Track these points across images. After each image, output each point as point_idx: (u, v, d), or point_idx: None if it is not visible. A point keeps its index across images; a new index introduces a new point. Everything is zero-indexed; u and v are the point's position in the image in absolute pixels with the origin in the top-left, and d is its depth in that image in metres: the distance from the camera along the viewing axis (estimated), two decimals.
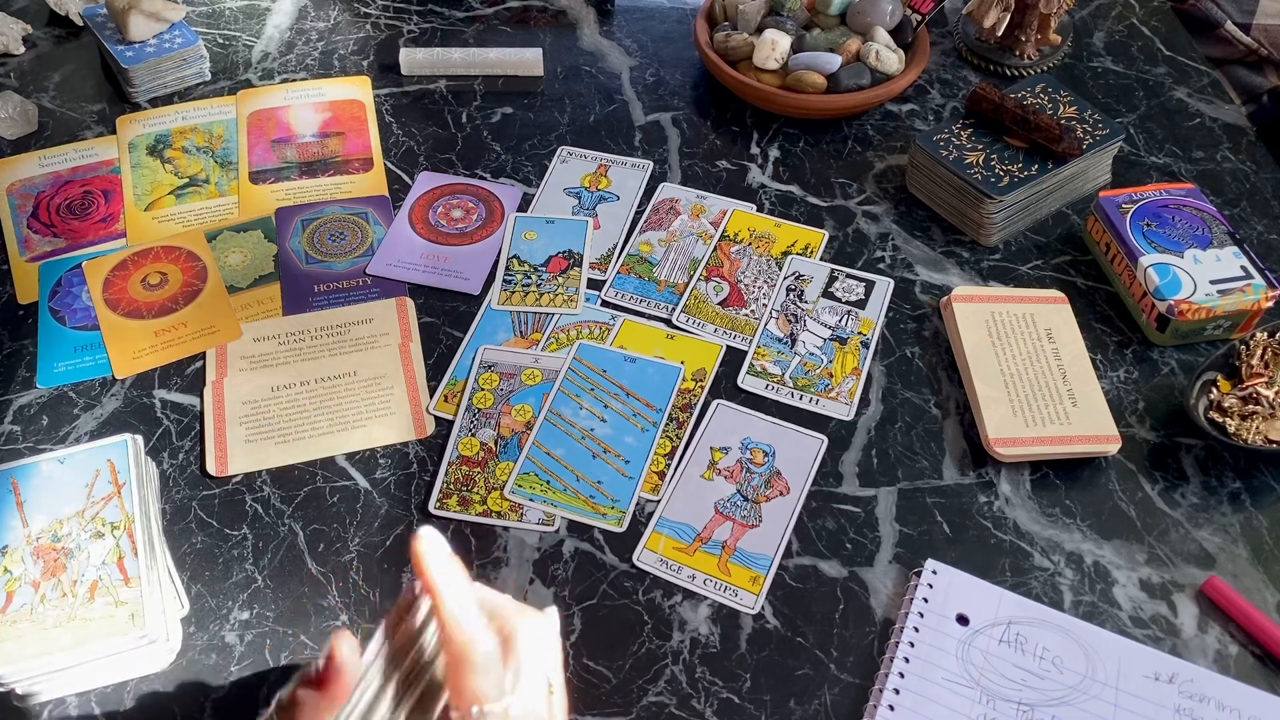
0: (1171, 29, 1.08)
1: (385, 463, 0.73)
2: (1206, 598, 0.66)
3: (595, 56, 1.05)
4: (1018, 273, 0.85)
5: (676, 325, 0.81)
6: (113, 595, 0.61)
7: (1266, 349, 0.76)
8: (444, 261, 0.85)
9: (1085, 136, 0.87)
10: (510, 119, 0.98)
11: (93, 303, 0.82)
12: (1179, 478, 0.73)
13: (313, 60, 1.03)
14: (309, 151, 0.94)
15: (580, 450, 0.73)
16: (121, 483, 0.66)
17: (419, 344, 0.80)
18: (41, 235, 0.87)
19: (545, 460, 0.72)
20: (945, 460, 0.73)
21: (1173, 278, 0.78)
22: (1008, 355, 0.77)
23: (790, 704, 0.62)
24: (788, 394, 0.77)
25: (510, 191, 0.91)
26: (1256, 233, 0.88)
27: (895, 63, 0.94)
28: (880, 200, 0.91)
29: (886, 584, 0.67)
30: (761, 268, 0.85)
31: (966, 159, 0.86)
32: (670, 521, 0.70)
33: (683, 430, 0.74)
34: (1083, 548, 0.69)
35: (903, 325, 0.82)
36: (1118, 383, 0.78)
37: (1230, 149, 0.95)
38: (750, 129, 0.97)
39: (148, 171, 0.92)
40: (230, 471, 0.72)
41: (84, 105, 0.98)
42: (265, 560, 0.68)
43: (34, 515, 0.65)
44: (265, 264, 0.85)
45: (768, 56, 0.93)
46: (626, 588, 0.67)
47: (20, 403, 0.76)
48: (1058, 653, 0.62)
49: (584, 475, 0.72)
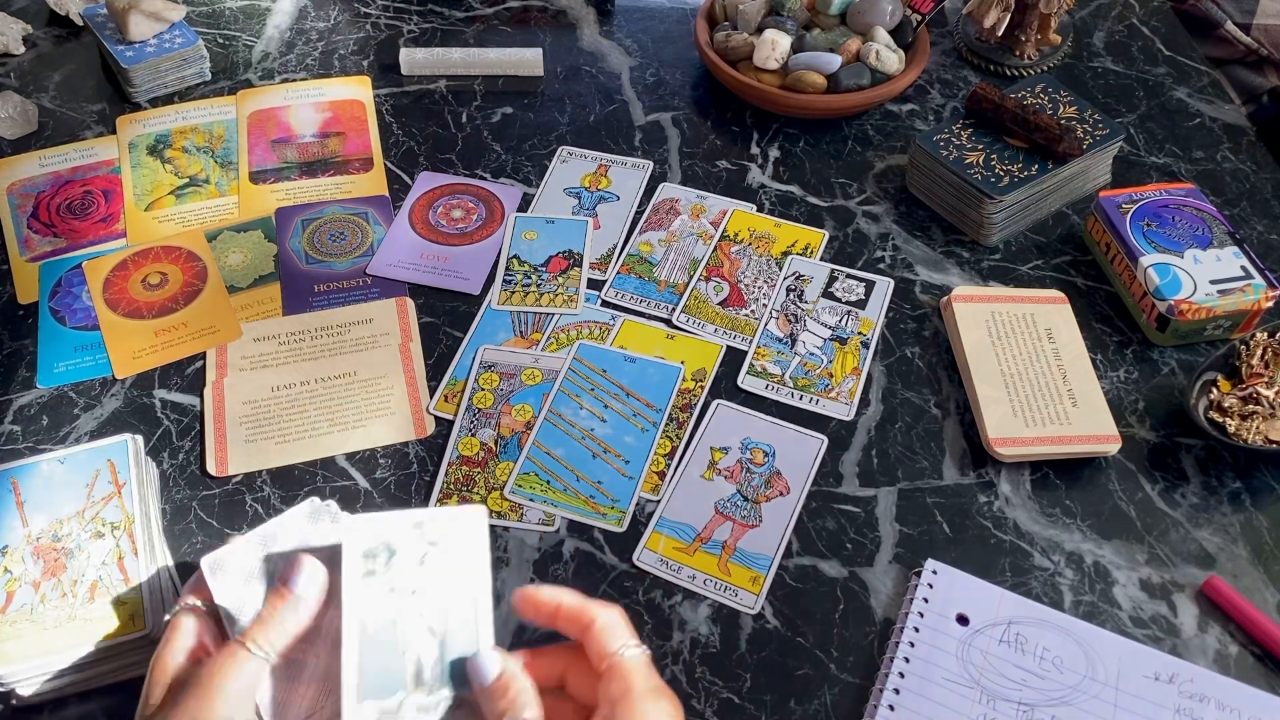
0: (1171, 29, 1.08)
1: (385, 463, 0.73)
2: (1206, 598, 0.66)
3: (595, 56, 1.05)
4: (1018, 273, 0.85)
5: (676, 325, 0.81)
6: (113, 595, 0.61)
7: (1266, 349, 0.76)
8: (444, 261, 0.85)
9: (1085, 136, 0.87)
10: (510, 119, 0.98)
11: (93, 303, 0.82)
12: (1179, 478, 0.73)
13: (313, 60, 1.03)
14: (309, 151, 0.94)
15: (580, 450, 0.73)
16: (122, 483, 0.66)
17: (419, 344, 0.80)
18: (41, 235, 0.87)
19: (545, 460, 0.72)
20: (945, 460, 0.73)
21: (1173, 278, 0.78)
22: (1008, 355, 0.77)
23: (790, 704, 0.62)
24: (788, 394, 0.77)
25: (510, 191, 0.91)
26: (1256, 233, 0.88)
27: (895, 63, 0.94)
28: (880, 200, 0.91)
29: (886, 584, 0.67)
30: (761, 268, 0.85)
31: (966, 159, 0.86)
32: (670, 521, 0.70)
33: (683, 430, 0.74)
34: (1083, 548, 0.69)
35: (903, 325, 0.82)
36: (1118, 383, 0.78)
37: (1230, 149, 0.95)
38: (750, 129, 0.97)
39: (148, 171, 0.92)
40: (230, 471, 0.72)
41: (84, 105, 0.98)
42: None
43: (34, 515, 0.65)
44: (265, 264, 0.85)
45: (768, 56, 0.93)
46: (627, 588, 0.67)
47: (20, 403, 0.76)
48: (1058, 653, 0.62)
49: (584, 475, 0.72)
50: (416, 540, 0.51)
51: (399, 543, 0.51)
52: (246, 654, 0.48)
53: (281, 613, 0.50)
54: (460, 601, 0.50)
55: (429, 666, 0.49)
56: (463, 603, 0.50)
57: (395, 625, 0.49)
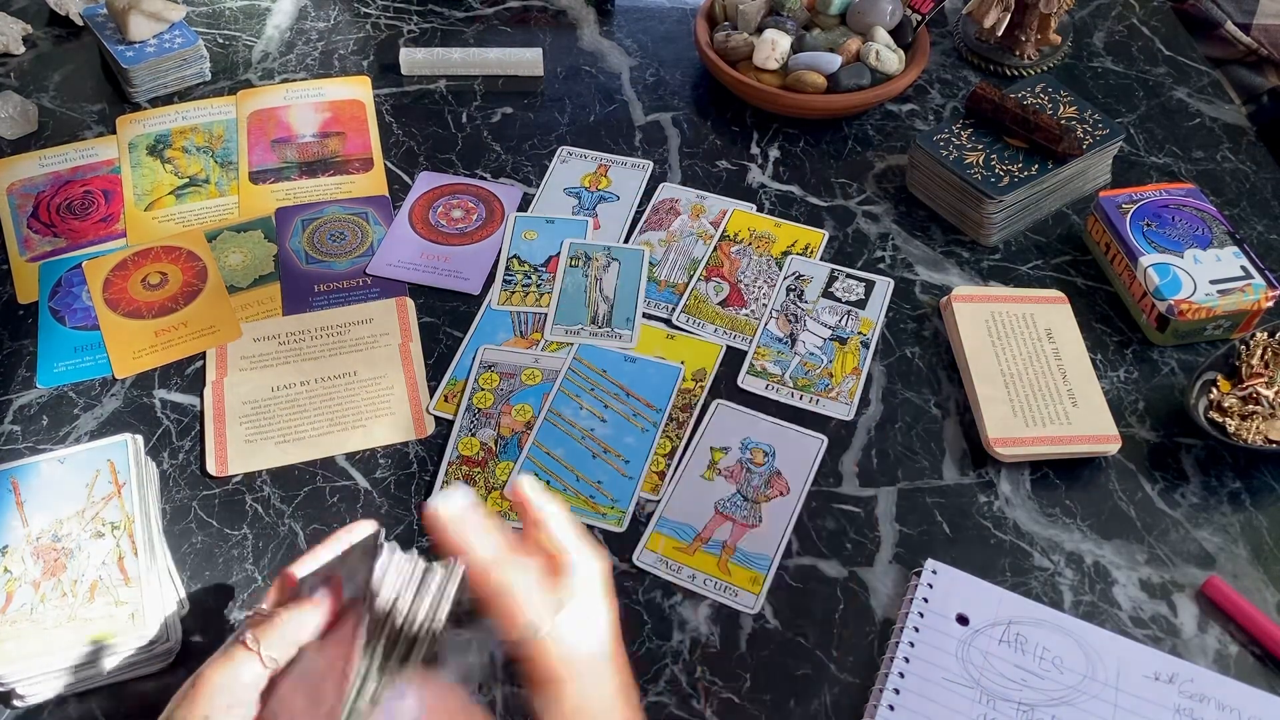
0: (1171, 29, 1.08)
1: (385, 462, 0.73)
2: (1206, 598, 0.66)
3: (595, 56, 1.05)
4: (1018, 273, 0.85)
5: (676, 325, 0.81)
6: (113, 595, 0.61)
7: (1266, 349, 0.76)
8: (444, 261, 0.85)
9: (1085, 136, 0.87)
10: (510, 119, 0.98)
11: (93, 303, 0.82)
12: (1179, 478, 0.73)
13: (313, 60, 1.03)
14: (309, 151, 0.94)
15: (580, 450, 0.73)
16: (122, 483, 0.66)
17: (419, 344, 0.80)
18: (41, 235, 0.87)
19: (545, 460, 0.72)
20: (945, 460, 0.73)
21: (1173, 278, 0.78)
22: (1008, 355, 0.77)
23: (790, 704, 0.62)
24: (788, 394, 0.77)
25: (510, 191, 0.91)
26: (1256, 233, 0.88)
27: (895, 63, 0.94)
28: (880, 200, 0.91)
29: (886, 584, 0.67)
30: (761, 268, 0.85)
31: (966, 159, 0.86)
32: (670, 521, 0.70)
33: (683, 430, 0.74)
34: (1083, 548, 0.69)
35: (903, 325, 0.82)
36: (1118, 383, 0.78)
37: (1230, 149, 0.95)
38: (750, 129, 0.97)
39: (148, 171, 0.92)
40: (230, 471, 0.72)
41: (84, 105, 0.98)
42: (265, 560, 0.68)
43: (34, 515, 0.65)
44: (265, 264, 0.85)
45: (768, 56, 0.93)
46: (627, 588, 0.67)
47: (20, 403, 0.76)
48: (1058, 653, 0.62)
49: (584, 475, 0.72)
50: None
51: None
52: (246, 651, 0.48)
53: (291, 618, 0.50)
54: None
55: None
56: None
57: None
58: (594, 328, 0.80)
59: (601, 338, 0.79)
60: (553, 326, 0.80)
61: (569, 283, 0.83)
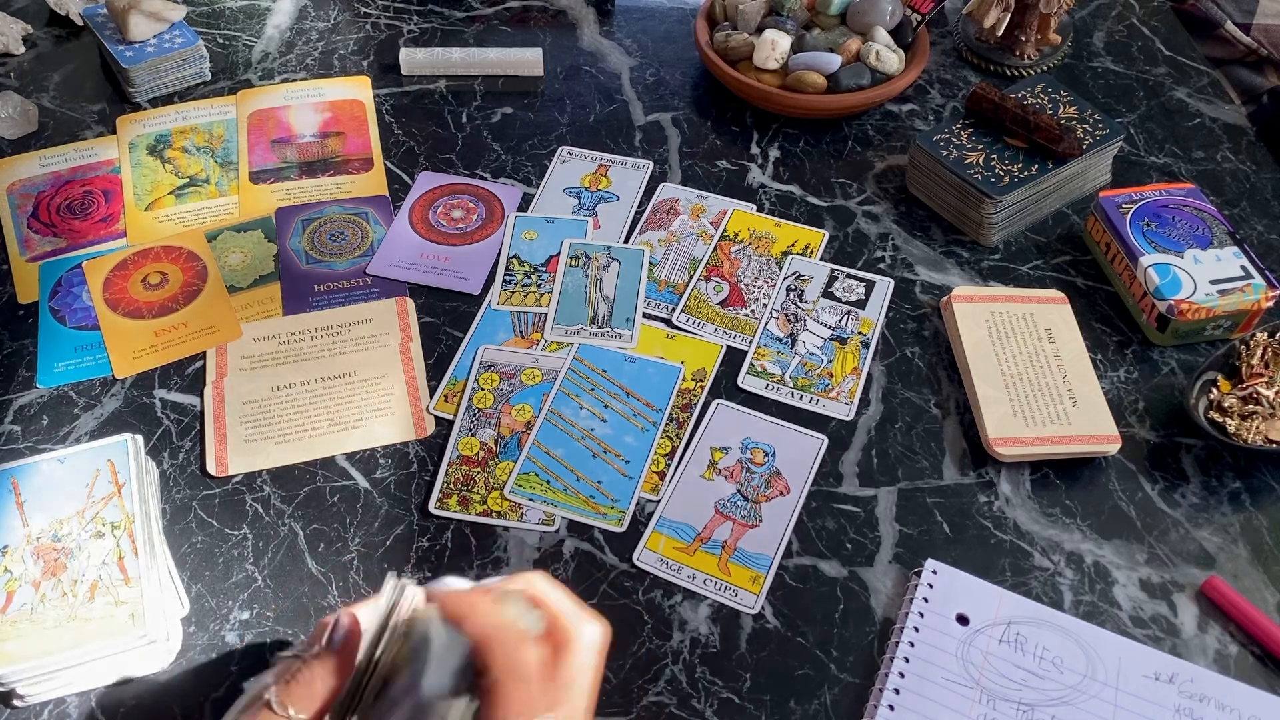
0: (1171, 29, 1.08)
1: (385, 462, 0.73)
2: (1206, 598, 0.66)
3: (595, 56, 1.05)
4: (1018, 273, 0.85)
5: (676, 325, 0.81)
6: (113, 595, 0.61)
7: (1266, 349, 0.76)
8: (444, 261, 0.85)
9: (1085, 136, 0.87)
10: (510, 119, 0.98)
11: (93, 303, 0.82)
12: (1179, 478, 0.73)
13: (313, 60, 1.03)
14: (309, 151, 0.94)
15: (580, 450, 0.73)
16: (122, 483, 0.66)
17: (419, 344, 0.80)
18: (41, 235, 0.87)
19: (545, 460, 0.72)
20: (945, 460, 0.73)
21: (1173, 278, 0.78)
22: (1008, 355, 0.77)
23: (790, 704, 0.62)
24: (788, 394, 0.77)
25: (510, 191, 0.91)
26: (1256, 233, 0.88)
27: (895, 63, 0.94)
28: (880, 200, 0.91)
29: (886, 584, 0.67)
30: (761, 268, 0.85)
31: (966, 159, 0.86)
32: (670, 521, 0.70)
33: (683, 430, 0.74)
34: (1083, 548, 0.69)
35: (903, 325, 0.82)
36: (1118, 383, 0.78)
37: (1230, 149, 0.95)
38: (750, 129, 0.97)
39: (148, 171, 0.92)
40: (230, 471, 0.72)
41: (84, 105, 0.98)
42: (265, 560, 0.68)
43: (34, 515, 0.65)
44: (265, 264, 0.85)
45: (768, 56, 0.93)
46: (627, 588, 0.67)
47: (20, 403, 0.76)
48: (1058, 653, 0.62)
49: (584, 475, 0.72)
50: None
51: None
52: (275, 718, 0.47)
53: (312, 674, 0.49)
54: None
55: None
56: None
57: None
58: (594, 328, 0.80)
59: (601, 338, 0.79)
60: (553, 326, 0.80)
61: (569, 283, 0.83)
